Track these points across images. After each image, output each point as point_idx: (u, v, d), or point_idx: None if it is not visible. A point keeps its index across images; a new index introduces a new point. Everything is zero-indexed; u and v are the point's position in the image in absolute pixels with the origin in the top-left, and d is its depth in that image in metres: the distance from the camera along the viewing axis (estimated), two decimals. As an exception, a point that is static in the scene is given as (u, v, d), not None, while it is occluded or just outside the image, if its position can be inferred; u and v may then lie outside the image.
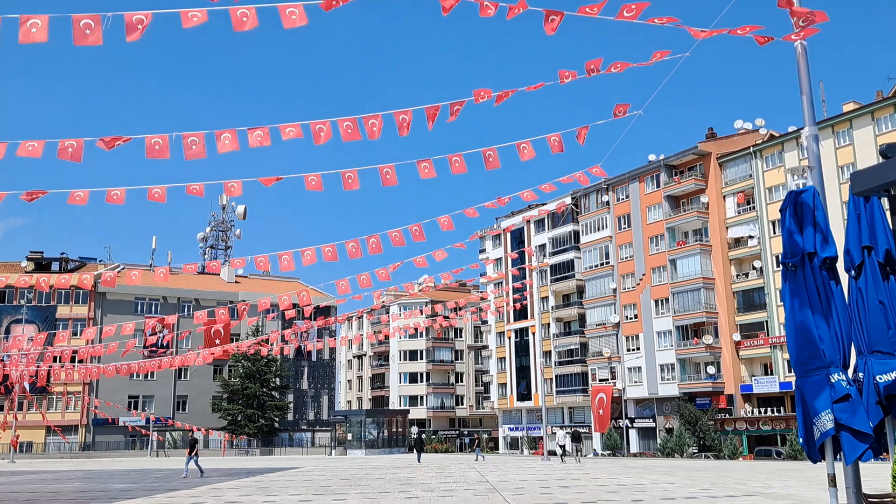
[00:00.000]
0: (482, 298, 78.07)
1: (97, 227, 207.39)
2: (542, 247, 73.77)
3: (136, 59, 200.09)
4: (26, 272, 73.08)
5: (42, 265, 75.10)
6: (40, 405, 65.57)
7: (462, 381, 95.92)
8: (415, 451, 44.14)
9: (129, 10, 7.40)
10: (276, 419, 71.62)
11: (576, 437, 46.19)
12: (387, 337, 79.64)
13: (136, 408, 68.50)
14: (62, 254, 77.00)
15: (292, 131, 9.54)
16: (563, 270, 71.43)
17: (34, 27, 7.12)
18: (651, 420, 61.73)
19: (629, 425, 62.70)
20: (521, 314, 75.02)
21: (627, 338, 64.14)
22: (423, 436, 55.64)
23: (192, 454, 27.22)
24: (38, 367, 33.86)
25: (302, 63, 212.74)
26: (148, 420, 61.27)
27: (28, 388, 56.40)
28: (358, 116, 9.60)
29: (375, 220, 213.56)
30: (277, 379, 72.30)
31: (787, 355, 50.75)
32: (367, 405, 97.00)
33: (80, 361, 50.50)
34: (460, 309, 26.27)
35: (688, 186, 60.95)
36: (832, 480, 5.95)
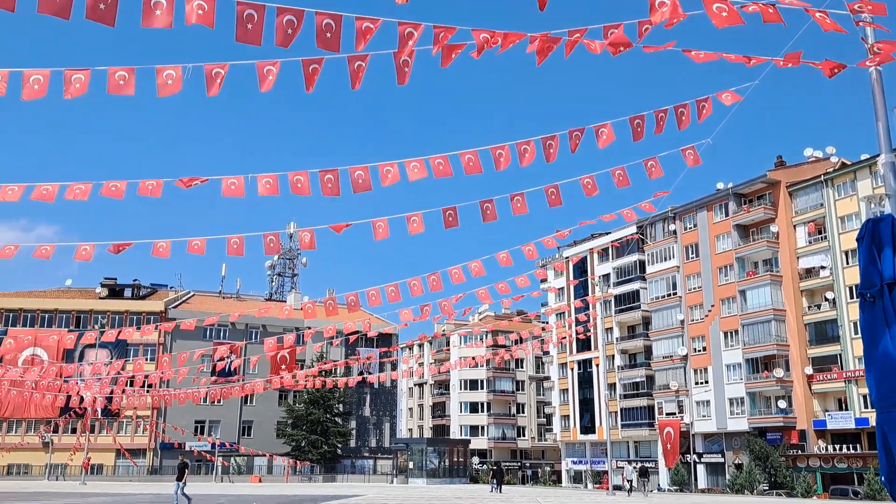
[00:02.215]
0: (543, 329, 77.40)
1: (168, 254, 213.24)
2: (606, 276, 72.87)
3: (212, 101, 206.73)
4: (101, 298, 75.72)
5: (115, 291, 77.69)
6: (111, 428, 67.46)
7: (524, 412, 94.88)
8: (494, 480, 44.38)
9: (209, 60, 7.69)
10: (339, 445, 72.00)
11: (643, 472, 45.32)
12: (447, 359, 79.59)
13: (202, 433, 69.78)
14: (135, 280, 79.52)
15: (361, 175, 9.74)
16: (628, 301, 70.34)
17: (122, 79, 7.49)
18: (720, 455, 59.87)
19: (697, 460, 60.93)
20: (585, 345, 74.00)
21: (696, 370, 62.57)
22: (502, 466, 55.74)
23: (181, 480, 24.94)
24: (111, 390, 34.92)
25: (369, 103, 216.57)
26: (213, 445, 62.38)
27: (100, 412, 58.16)
28: (424, 158, 9.75)
29: (438, 251, 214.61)
30: (340, 405, 72.85)
31: (863, 390, 48.93)
32: (427, 433, 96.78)
33: (150, 386, 51.79)
34: (522, 342, 26.10)
35: (757, 215, 59.52)
36: (916, 522, 5.68)
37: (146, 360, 57.17)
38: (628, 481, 44.33)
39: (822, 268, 55.39)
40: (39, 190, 9.78)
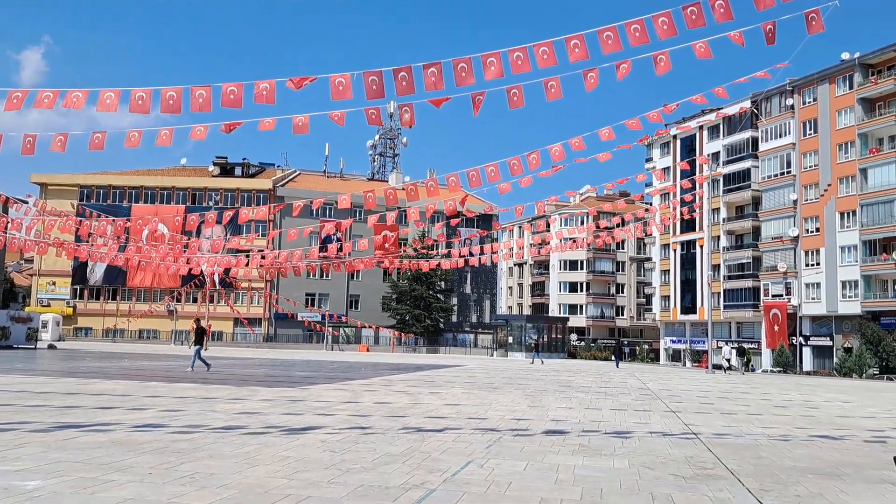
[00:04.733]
0: (647, 211, 75.86)
1: (274, 132, 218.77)
2: (716, 155, 70.06)
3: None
4: (213, 176, 78.95)
5: (226, 169, 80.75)
6: (228, 298, 71.86)
7: (623, 293, 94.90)
8: (614, 357, 48.31)
9: None
10: (441, 320, 74.43)
11: (741, 352, 45.47)
12: (547, 242, 79.82)
13: (312, 305, 73.41)
14: (244, 159, 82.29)
15: (465, 68, 9.57)
16: (737, 180, 67.71)
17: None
18: (828, 338, 58.53)
19: (803, 343, 59.82)
20: (689, 226, 72.37)
21: (807, 252, 60.43)
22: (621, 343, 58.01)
23: (200, 345, 23.12)
24: (228, 261, 36.94)
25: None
26: (323, 316, 65.59)
27: (218, 283, 61.86)
28: (528, 45, 9.49)
29: (539, 135, 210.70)
30: (442, 282, 74.76)
31: None
32: (526, 311, 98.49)
33: (263, 258, 54.38)
34: (624, 224, 25.63)
35: (886, 87, 55.19)
36: None
37: (258, 234, 59.85)
38: (726, 360, 44.80)
39: (957, 145, 51.39)
40: (165, 99, 10.09)
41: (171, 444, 7.58)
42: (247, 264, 33.17)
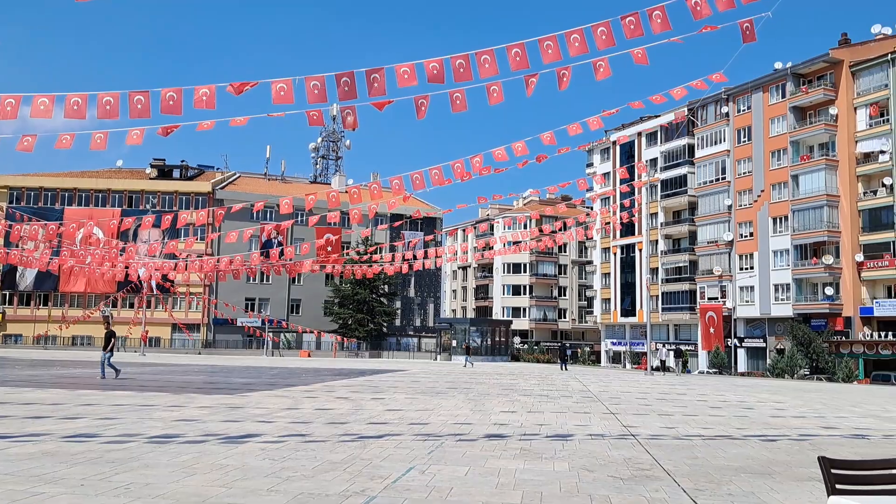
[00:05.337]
0: (588, 216, 77.01)
1: (214, 135, 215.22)
2: (654, 161, 71.56)
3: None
4: (150, 178, 77.20)
5: (164, 172, 79.03)
6: (166, 304, 70.28)
7: (565, 295, 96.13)
8: (559, 360, 47.79)
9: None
10: (385, 324, 74.10)
11: (678, 354, 46.66)
12: (491, 247, 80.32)
13: (252, 309, 72.29)
14: (182, 161, 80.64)
15: (407, 71, 9.64)
16: (674, 186, 69.29)
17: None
18: (761, 340, 60.28)
19: (738, 344, 61.48)
20: (628, 230, 73.73)
21: (741, 256, 62.14)
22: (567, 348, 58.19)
23: (108, 350, 21.84)
24: (166, 266, 36.19)
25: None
26: (263, 321, 64.68)
27: (155, 287, 60.44)
28: (470, 53, 9.60)
29: (484, 141, 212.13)
30: (386, 286, 74.48)
31: (914, 278, 47.80)
32: (470, 314, 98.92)
33: (201, 257, 53.35)
34: (566, 228, 26.06)
35: (816, 97, 57.19)
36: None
37: (196, 238, 58.71)
38: (661, 361, 45.87)
39: (882, 152, 53.54)
40: (102, 105, 9.81)
41: (105, 453, 7.38)
42: (185, 268, 32.55)
